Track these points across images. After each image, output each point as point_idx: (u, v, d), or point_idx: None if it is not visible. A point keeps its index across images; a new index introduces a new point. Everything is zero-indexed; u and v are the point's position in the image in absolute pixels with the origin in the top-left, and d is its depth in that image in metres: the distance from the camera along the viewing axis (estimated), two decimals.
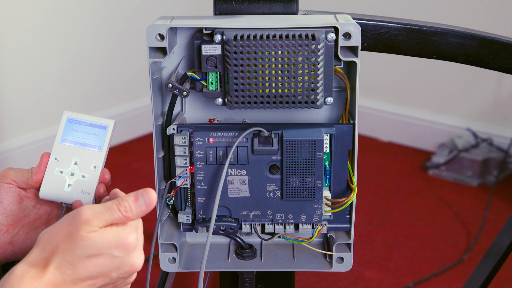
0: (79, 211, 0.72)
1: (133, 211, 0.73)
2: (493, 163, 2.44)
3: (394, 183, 2.47)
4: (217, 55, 0.87)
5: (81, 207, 0.72)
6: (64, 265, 0.70)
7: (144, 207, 0.73)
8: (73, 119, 0.87)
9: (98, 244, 0.70)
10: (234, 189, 0.93)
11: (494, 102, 2.58)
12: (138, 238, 0.74)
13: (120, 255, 0.72)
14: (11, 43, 2.36)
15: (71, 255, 0.70)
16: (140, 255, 0.74)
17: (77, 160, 0.86)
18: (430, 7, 2.60)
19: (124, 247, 0.72)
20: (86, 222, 0.71)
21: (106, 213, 0.72)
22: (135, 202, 0.73)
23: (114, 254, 0.71)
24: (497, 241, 1.12)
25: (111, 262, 0.72)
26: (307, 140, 0.90)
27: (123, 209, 0.72)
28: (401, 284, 1.85)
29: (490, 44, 0.97)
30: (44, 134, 2.50)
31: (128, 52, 2.78)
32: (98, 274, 0.71)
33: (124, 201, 0.73)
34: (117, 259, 0.72)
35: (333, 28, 0.86)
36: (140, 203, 0.73)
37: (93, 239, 0.70)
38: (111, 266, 0.72)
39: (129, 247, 0.72)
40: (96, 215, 0.71)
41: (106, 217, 0.72)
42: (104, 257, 0.71)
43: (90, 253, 0.70)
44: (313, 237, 0.95)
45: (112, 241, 0.71)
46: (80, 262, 0.70)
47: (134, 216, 0.73)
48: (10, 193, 0.87)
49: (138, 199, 0.73)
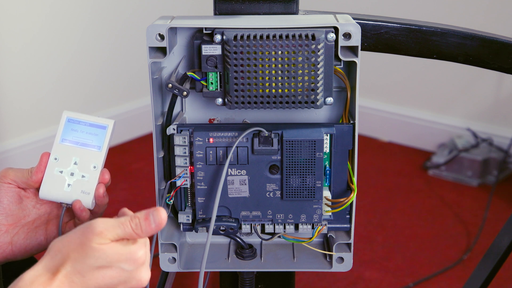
0: (92, 223, 0.73)
1: (143, 229, 0.74)
2: (493, 163, 2.44)
3: (394, 183, 2.47)
4: (217, 55, 0.87)
5: (94, 219, 0.74)
6: (73, 273, 0.71)
7: (153, 226, 0.74)
8: (72, 119, 0.87)
9: (108, 256, 0.71)
10: (234, 189, 0.93)
11: (494, 102, 2.58)
12: (147, 254, 0.75)
13: (129, 269, 0.73)
14: (11, 43, 2.36)
15: (81, 265, 0.71)
16: (147, 271, 0.75)
17: (76, 160, 0.86)
18: (430, 7, 2.60)
19: (133, 261, 0.73)
20: (98, 234, 0.72)
21: (118, 227, 0.73)
22: (146, 220, 0.74)
23: (124, 267, 0.72)
24: (497, 241, 1.12)
25: (119, 275, 0.72)
26: (307, 140, 0.90)
27: (134, 225, 0.73)
28: (401, 284, 1.85)
29: (490, 44, 0.97)
30: (44, 134, 2.50)
31: (128, 52, 2.78)
32: (105, 286, 0.72)
33: (135, 218, 0.74)
34: (126, 272, 0.73)
35: (333, 28, 0.86)
36: (150, 221, 0.74)
37: (104, 251, 0.71)
38: (119, 279, 0.73)
39: (138, 261, 0.73)
40: (108, 228, 0.72)
41: (118, 231, 0.73)
42: (113, 269, 0.72)
43: (100, 264, 0.71)
44: (313, 237, 0.95)
45: (123, 254, 0.72)
46: (89, 272, 0.71)
47: (144, 234, 0.74)
48: (10, 193, 0.87)
49: (148, 218, 0.74)
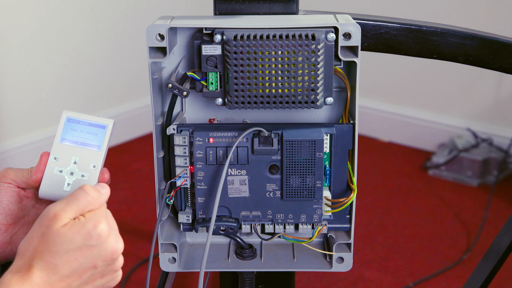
0: (45, 211, 0.74)
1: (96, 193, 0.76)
2: (493, 163, 2.44)
3: (394, 183, 2.47)
4: (217, 55, 0.87)
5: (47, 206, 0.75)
6: (47, 265, 0.72)
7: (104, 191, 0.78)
8: (72, 119, 0.87)
9: (71, 238, 0.72)
10: (234, 189, 0.93)
11: (494, 102, 2.58)
12: (111, 225, 0.76)
13: (96, 244, 0.74)
14: (11, 43, 2.36)
15: (50, 254, 0.72)
16: (117, 239, 0.76)
17: (76, 159, 0.86)
18: (430, 7, 2.60)
19: (97, 235, 0.74)
20: (55, 218, 0.73)
21: (71, 202, 0.75)
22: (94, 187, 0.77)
23: (90, 243, 0.73)
24: (497, 241, 1.12)
25: (90, 252, 0.73)
26: (307, 140, 0.90)
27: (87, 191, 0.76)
28: (401, 284, 1.85)
29: (490, 44, 0.97)
30: (44, 134, 2.50)
31: (128, 52, 2.78)
32: (82, 267, 0.73)
33: (84, 186, 0.76)
34: (95, 248, 0.74)
35: (333, 28, 0.86)
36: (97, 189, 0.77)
37: (66, 234, 0.72)
38: (91, 255, 0.74)
39: (102, 234, 0.74)
40: (62, 208, 0.74)
41: (73, 205, 0.74)
42: (81, 249, 0.73)
43: (66, 248, 0.72)
44: (313, 237, 0.95)
45: (84, 232, 0.73)
46: (60, 259, 0.72)
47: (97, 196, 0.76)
48: (10, 192, 0.87)
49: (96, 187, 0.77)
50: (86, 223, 0.74)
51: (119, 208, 2.24)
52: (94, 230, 0.74)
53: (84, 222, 0.74)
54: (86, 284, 0.75)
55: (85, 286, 0.75)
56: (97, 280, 0.76)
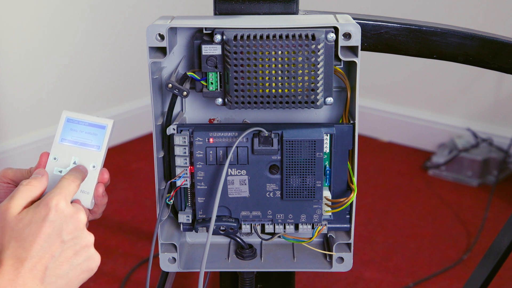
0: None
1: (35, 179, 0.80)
2: (493, 163, 2.44)
3: (394, 183, 2.47)
4: (217, 55, 0.87)
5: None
6: (15, 252, 0.73)
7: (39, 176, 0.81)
8: (72, 119, 0.87)
9: (30, 219, 0.75)
10: (234, 189, 0.93)
11: (494, 102, 2.58)
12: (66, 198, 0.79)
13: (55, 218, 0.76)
14: (11, 43, 2.36)
15: (15, 240, 0.74)
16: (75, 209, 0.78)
17: (76, 159, 0.86)
18: (430, 7, 2.60)
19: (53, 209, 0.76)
20: (7, 209, 0.76)
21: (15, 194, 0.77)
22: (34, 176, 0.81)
23: (50, 219, 0.75)
24: (497, 241, 1.12)
25: (52, 226, 0.75)
26: (307, 140, 0.90)
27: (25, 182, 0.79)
28: (401, 284, 1.85)
29: (490, 44, 0.97)
30: (44, 134, 2.50)
31: (128, 52, 2.78)
32: (48, 242, 0.75)
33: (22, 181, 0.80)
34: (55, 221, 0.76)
35: (333, 28, 0.86)
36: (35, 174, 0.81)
37: (24, 218, 0.75)
38: (53, 229, 0.75)
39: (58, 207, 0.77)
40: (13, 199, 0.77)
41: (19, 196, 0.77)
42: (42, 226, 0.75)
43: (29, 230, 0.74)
44: (313, 237, 0.95)
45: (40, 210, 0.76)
46: (25, 241, 0.74)
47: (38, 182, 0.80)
48: (9, 192, 0.87)
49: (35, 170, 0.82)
50: (40, 204, 0.76)
51: (119, 208, 2.24)
52: (49, 205, 0.76)
53: (38, 204, 0.77)
54: (62, 264, 0.76)
55: (62, 266, 0.76)
56: (72, 258, 0.77)
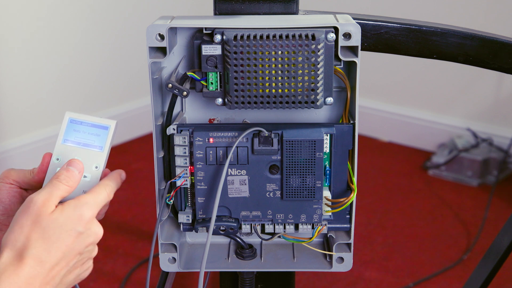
0: (28, 201, 0.77)
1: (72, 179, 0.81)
2: (493, 163, 2.44)
3: (394, 183, 2.47)
4: (217, 55, 0.87)
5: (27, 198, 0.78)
6: (39, 254, 0.74)
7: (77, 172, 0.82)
8: (75, 120, 0.87)
9: (63, 222, 0.76)
10: (234, 189, 0.93)
11: (494, 102, 2.58)
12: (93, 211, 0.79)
13: (83, 230, 0.77)
14: (11, 43, 2.36)
15: (43, 241, 0.74)
16: (98, 224, 0.80)
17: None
18: (430, 7, 2.60)
19: (84, 220, 0.77)
20: (44, 205, 0.76)
21: (54, 190, 0.78)
22: (68, 172, 0.81)
23: (78, 229, 0.77)
24: (497, 241, 1.12)
25: (78, 237, 0.77)
26: (307, 140, 0.90)
27: (64, 180, 0.80)
28: (401, 284, 1.85)
29: (490, 44, 0.97)
30: (44, 134, 2.50)
31: (128, 52, 2.78)
32: (71, 253, 0.76)
33: (60, 175, 0.81)
34: (82, 233, 0.77)
35: (333, 28, 0.86)
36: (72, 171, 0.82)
37: (58, 219, 0.76)
38: (78, 241, 0.77)
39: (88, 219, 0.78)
40: (48, 196, 0.77)
41: (56, 193, 0.78)
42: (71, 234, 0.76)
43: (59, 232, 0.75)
44: (313, 237, 0.95)
45: (75, 217, 0.76)
46: (53, 244, 0.75)
47: (75, 183, 0.81)
48: (12, 193, 0.87)
49: (69, 169, 0.82)
50: (75, 211, 0.77)
51: (119, 208, 2.24)
52: (83, 217, 0.77)
53: (73, 207, 0.77)
54: (70, 273, 0.77)
55: (70, 275, 0.77)
56: (78, 268, 0.79)
